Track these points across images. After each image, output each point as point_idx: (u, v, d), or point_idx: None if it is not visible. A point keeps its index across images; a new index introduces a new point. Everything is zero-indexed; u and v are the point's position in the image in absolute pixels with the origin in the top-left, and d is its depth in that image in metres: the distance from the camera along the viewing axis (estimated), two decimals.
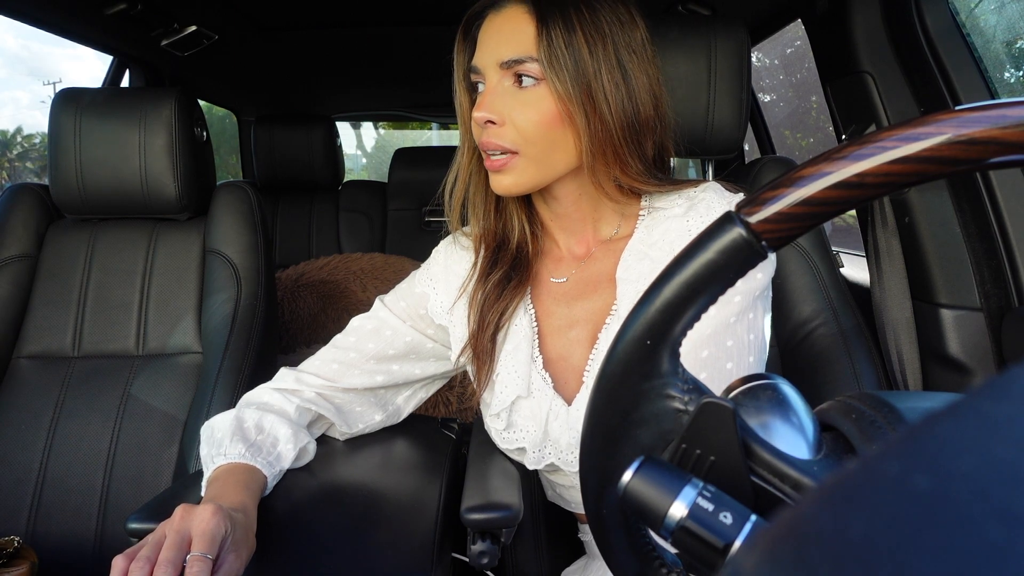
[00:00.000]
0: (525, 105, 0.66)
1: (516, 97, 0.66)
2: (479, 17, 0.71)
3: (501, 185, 0.69)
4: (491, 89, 0.67)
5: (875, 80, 1.09)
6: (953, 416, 0.13)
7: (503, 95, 0.66)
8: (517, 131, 0.66)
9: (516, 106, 0.66)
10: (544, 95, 0.65)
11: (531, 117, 0.66)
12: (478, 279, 0.77)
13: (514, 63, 0.65)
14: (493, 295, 0.75)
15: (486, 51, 0.67)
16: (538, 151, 0.67)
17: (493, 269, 0.76)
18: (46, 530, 1.05)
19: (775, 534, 0.14)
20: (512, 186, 0.69)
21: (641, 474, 0.31)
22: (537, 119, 0.66)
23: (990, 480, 0.11)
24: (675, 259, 0.33)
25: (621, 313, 0.71)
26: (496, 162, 0.68)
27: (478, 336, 0.75)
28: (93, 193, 1.19)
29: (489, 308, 0.74)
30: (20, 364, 1.17)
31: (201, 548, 0.52)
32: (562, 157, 0.69)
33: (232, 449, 0.71)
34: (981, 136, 0.27)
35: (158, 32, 1.57)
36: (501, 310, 0.74)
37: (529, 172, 0.68)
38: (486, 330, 0.74)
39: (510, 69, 0.66)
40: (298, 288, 1.96)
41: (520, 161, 0.67)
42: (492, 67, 0.67)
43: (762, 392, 0.36)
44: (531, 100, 0.66)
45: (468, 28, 0.72)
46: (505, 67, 0.66)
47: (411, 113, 2.97)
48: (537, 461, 0.73)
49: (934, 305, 1.05)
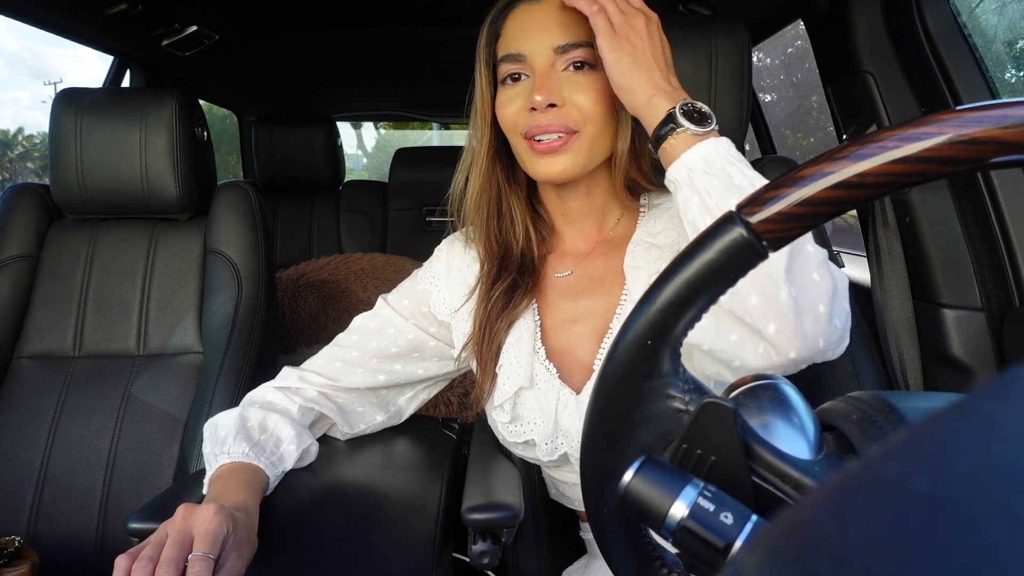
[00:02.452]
0: (583, 87, 0.68)
1: (573, 80, 0.68)
2: (508, 8, 0.71)
3: (555, 168, 0.69)
4: (545, 73, 0.68)
5: (876, 80, 1.09)
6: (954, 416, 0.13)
7: (559, 79, 0.68)
8: (579, 110, 0.68)
9: (575, 88, 0.68)
10: (599, 78, 0.67)
11: (591, 97, 0.67)
12: (484, 288, 0.77)
13: (571, 47, 0.67)
14: (500, 303, 0.75)
15: (533, 37, 0.68)
16: (597, 130, 0.69)
17: (500, 277, 0.76)
18: (47, 530, 1.05)
19: (776, 534, 0.14)
20: (568, 167, 0.69)
21: (642, 474, 0.31)
22: (596, 98, 0.68)
23: (991, 480, 0.11)
24: (676, 259, 0.33)
25: (632, 301, 0.71)
26: (554, 143, 0.68)
27: (483, 345, 0.75)
28: (94, 193, 1.19)
29: (497, 316, 0.75)
30: (21, 364, 1.17)
31: (203, 548, 0.52)
32: (607, 143, 0.71)
33: (236, 448, 0.71)
34: (982, 136, 0.27)
35: (159, 32, 1.57)
36: (509, 321, 0.75)
37: (583, 153, 0.69)
38: (493, 339, 0.75)
39: (566, 54, 0.67)
40: (299, 288, 1.96)
41: (578, 140, 0.68)
42: (544, 52, 0.68)
43: (763, 392, 0.36)
44: (589, 83, 0.68)
45: (495, 21, 0.73)
46: (560, 51, 0.67)
47: (411, 113, 2.97)
48: (550, 452, 0.72)
49: (935, 305, 1.04)
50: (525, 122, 0.69)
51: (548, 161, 0.69)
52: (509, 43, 0.70)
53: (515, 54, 0.69)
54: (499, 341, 0.75)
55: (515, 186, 0.78)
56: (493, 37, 0.73)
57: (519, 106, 0.69)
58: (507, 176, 0.77)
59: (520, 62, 0.69)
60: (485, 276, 0.78)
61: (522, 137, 0.70)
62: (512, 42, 0.70)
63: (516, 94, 0.70)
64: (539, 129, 0.68)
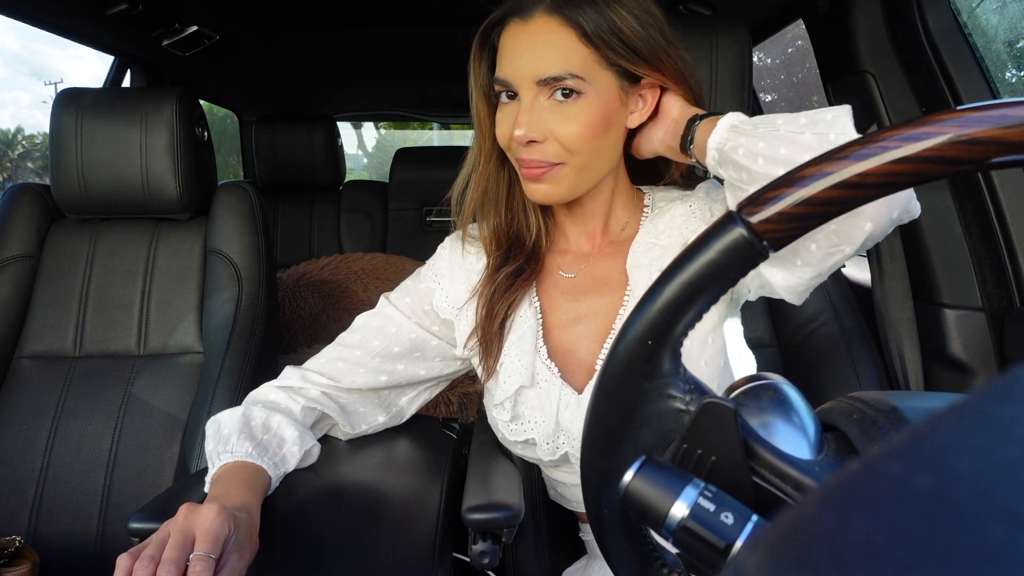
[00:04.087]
0: (567, 119, 0.65)
1: (556, 112, 0.65)
2: (500, 24, 0.69)
3: (539, 192, 0.69)
4: (528, 107, 0.65)
5: (876, 80, 1.09)
6: (955, 416, 0.13)
7: (542, 111, 0.66)
8: (561, 145, 0.66)
9: (558, 121, 0.65)
10: (586, 106, 0.65)
11: (574, 131, 0.65)
12: (488, 275, 0.77)
13: (553, 80, 0.64)
14: (504, 285, 0.75)
15: (518, 66, 0.66)
16: (583, 160, 0.68)
17: (505, 264, 0.76)
18: (47, 530, 1.05)
19: (777, 534, 0.14)
20: (551, 194, 0.69)
21: (642, 474, 0.31)
22: (580, 132, 0.65)
23: (992, 481, 0.11)
24: (676, 259, 0.33)
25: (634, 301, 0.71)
26: (536, 171, 0.68)
27: (486, 325, 0.75)
28: (94, 193, 1.19)
29: (499, 298, 0.75)
30: (21, 364, 1.17)
31: (205, 548, 0.52)
32: (603, 164, 0.70)
33: (239, 447, 0.71)
34: (983, 136, 0.27)
35: (159, 32, 1.57)
36: (511, 300, 0.75)
37: (568, 180, 0.69)
38: (495, 319, 0.75)
39: (548, 86, 0.65)
40: (299, 288, 1.96)
41: (563, 171, 0.68)
42: (527, 84, 0.65)
43: (763, 392, 0.36)
44: (573, 114, 0.65)
45: (486, 36, 0.71)
46: (543, 84, 0.65)
47: (412, 113, 2.97)
48: (551, 452, 0.72)
49: (936, 305, 1.04)
50: (516, 151, 0.69)
51: (533, 186, 0.70)
52: (501, 64, 0.69)
53: (502, 80, 0.68)
54: (500, 320, 0.75)
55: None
56: (488, 50, 0.72)
57: (509, 129, 0.68)
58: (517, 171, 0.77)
59: (508, 86, 0.68)
60: (492, 264, 0.78)
61: (515, 157, 0.71)
62: (502, 64, 0.68)
63: (508, 114, 0.69)
64: (525, 162, 0.68)
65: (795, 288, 0.63)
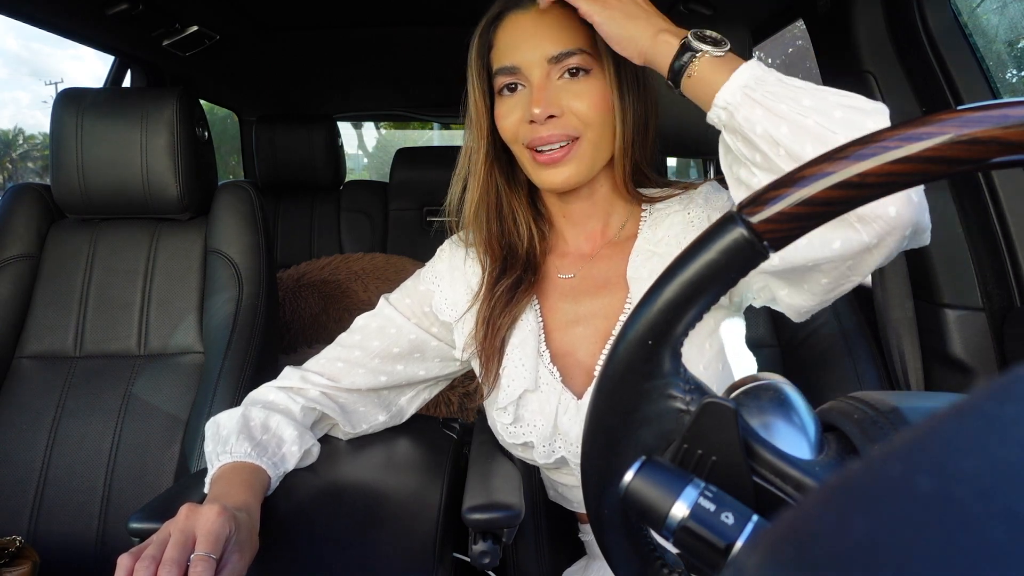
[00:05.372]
0: (580, 94, 0.68)
1: (569, 89, 0.68)
2: (497, 19, 0.71)
3: (559, 177, 0.70)
4: (541, 84, 0.68)
5: (877, 79, 1.09)
6: (956, 417, 0.13)
7: (556, 89, 0.68)
8: (578, 117, 0.68)
9: (572, 96, 0.68)
10: (595, 83, 0.68)
11: (589, 103, 0.68)
12: (487, 288, 0.77)
13: (564, 56, 0.67)
14: (504, 299, 0.75)
15: (527, 49, 0.68)
16: (597, 135, 0.69)
17: (503, 276, 0.76)
18: (48, 530, 1.05)
19: (777, 534, 0.14)
20: (572, 176, 0.70)
21: (642, 474, 0.31)
22: (593, 103, 0.68)
23: (993, 481, 0.11)
24: (676, 259, 0.33)
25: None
26: (556, 154, 0.69)
27: (487, 341, 0.75)
28: (95, 193, 1.19)
29: (500, 313, 0.75)
30: (22, 364, 1.17)
31: (205, 548, 0.52)
32: (608, 145, 0.71)
33: (238, 447, 0.71)
34: (983, 136, 0.26)
35: (159, 32, 1.57)
36: (513, 314, 0.75)
37: (586, 160, 0.70)
38: (496, 334, 0.75)
39: (559, 63, 0.68)
40: (299, 288, 1.96)
41: (580, 147, 0.69)
42: (538, 64, 0.68)
43: (764, 392, 0.36)
44: (584, 89, 0.68)
45: (485, 33, 0.72)
46: (554, 61, 0.67)
47: (412, 113, 2.97)
48: (547, 455, 0.73)
49: (936, 305, 1.04)
50: (526, 133, 0.69)
51: (552, 172, 0.70)
52: (503, 55, 0.70)
53: (509, 67, 0.69)
54: (502, 336, 0.75)
55: (515, 187, 0.79)
56: (485, 48, 0.72)
57: (518, 117, 0.69)
58: (507, 179, 0.78)
59: (515, 74, 0.69)
60: (488, 276, 0.78)
61: (524, 147, 0.71)
62: (506, 54, 0.69)
63: (514, 105, 0.70)
64: (541, 140, 0.68)
65: (798, 308, 0.64)
